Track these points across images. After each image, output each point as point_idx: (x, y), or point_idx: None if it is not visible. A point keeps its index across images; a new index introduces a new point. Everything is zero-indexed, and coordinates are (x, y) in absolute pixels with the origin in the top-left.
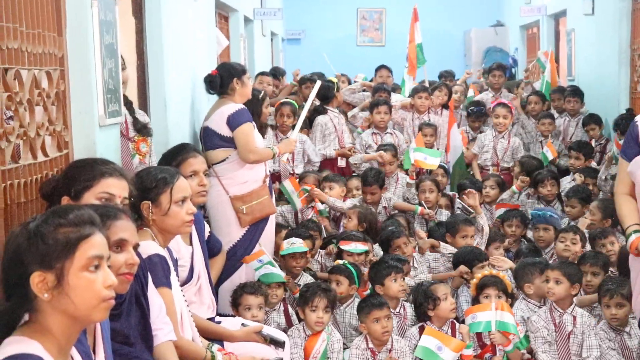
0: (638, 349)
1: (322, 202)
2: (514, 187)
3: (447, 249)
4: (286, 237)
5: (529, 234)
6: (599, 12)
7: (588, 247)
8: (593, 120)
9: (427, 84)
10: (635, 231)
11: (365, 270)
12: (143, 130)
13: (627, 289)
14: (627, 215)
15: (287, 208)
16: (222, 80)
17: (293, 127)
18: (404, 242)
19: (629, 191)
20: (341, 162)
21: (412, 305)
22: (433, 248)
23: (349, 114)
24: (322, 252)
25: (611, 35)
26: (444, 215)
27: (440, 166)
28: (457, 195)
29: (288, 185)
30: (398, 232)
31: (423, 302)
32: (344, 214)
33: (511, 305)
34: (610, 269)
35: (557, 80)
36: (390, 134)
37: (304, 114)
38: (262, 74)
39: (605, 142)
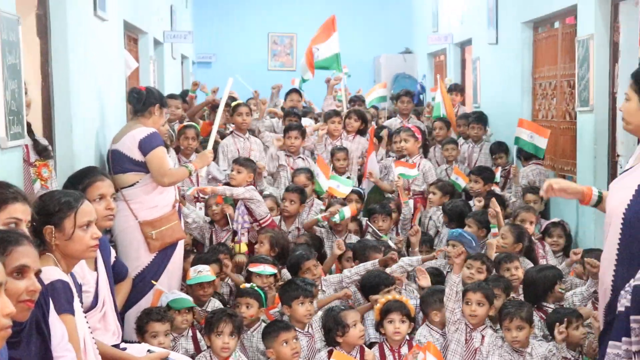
0: None
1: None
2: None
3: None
4: (193, 262)
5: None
6: (502, 41)
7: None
8: (501, 149)
9: (344, 93)
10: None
11: (275, 294)
12: (44, 152)
13: (526, 311)
14: None
15: (205, 223)
16: (146, 99)
17: (196, 150)
18: (314, 265)
19: None
20: None
21: (322, 329)
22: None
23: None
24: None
25: (514, 64)
26: (353, 240)
27: (354, 191)
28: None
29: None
30: (307, 254)
31: (332, 327)
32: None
33: (414, 329)
34: (513, 294)
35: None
36: (302, 158)
37: (217, 120)
38: (170, 96)
39: (510, 168)
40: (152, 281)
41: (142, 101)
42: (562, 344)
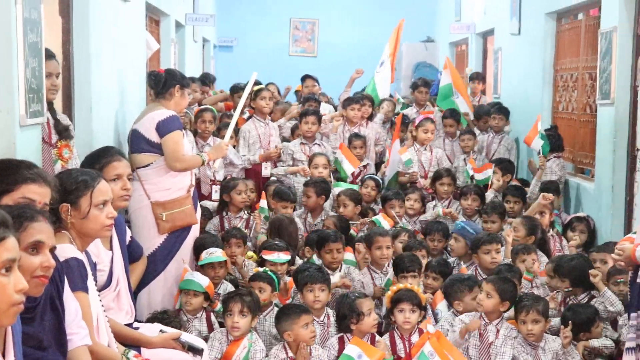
0: None
1: None
2: (439, 210)
3: None
4: (204, 245)
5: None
6: (525, 32)
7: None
8: (517, 193)
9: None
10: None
11: (288, 279)
12: (64, 132)
13: (542, 305)
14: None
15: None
16: (165, 81)
17: (213, 133)
18: (337, 249)
19: None
20: (265, 172)
21: (334, 314)
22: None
23: (276, 123)
24: (246, 261)
25: (536, 55)
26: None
27: (372, 178)
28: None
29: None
30: (336, 236)
31: (347, 314)
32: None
33: (424, 318)
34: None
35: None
36: (318, 144)
37: (237, 112)
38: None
39: None
40: (182, 259)
41: (160, 84)
42: (568, 347)
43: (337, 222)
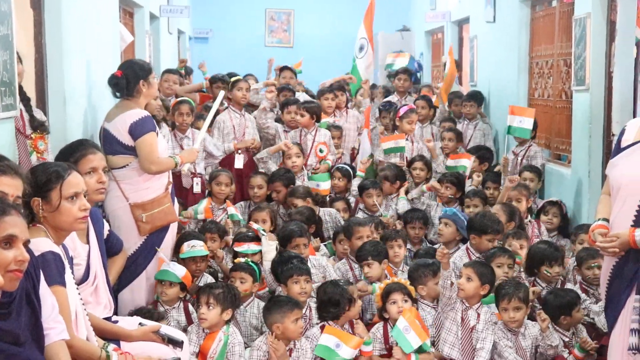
0: (531, 349)
1: None
2: (423, 187)
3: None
4: (186, 238)
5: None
6: (500, 20)
7: None
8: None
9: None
10: (598, 219)
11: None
12: (40, 128)
13: (523, 292)
14: (599, 211)
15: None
16: (127, 82)
17: (191, 125)
18: (304, 243)
19: (609, 191)
20: (238, 164)
21: (316, 304)
22: None
23: (252, 87)
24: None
25: (511, 42)
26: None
27: (339, 169)
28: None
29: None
30: (300, 231)
31: (340, 301)
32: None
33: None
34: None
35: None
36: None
37: (210, 116)
38: (168, 71)
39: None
40: (156, 247)
41: (122, 87)
42: (547, 331)
43: (306, 210)
